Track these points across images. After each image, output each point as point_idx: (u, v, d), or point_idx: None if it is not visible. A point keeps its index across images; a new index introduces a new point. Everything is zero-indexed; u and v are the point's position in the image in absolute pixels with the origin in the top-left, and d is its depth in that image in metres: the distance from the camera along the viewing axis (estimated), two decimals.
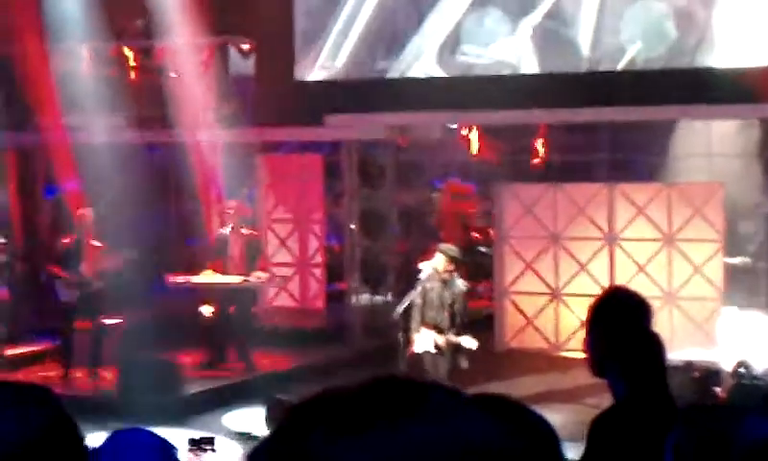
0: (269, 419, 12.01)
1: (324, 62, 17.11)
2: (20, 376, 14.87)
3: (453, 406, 1.18)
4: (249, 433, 12.29)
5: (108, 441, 2.86)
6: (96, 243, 14.72)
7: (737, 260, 16.94)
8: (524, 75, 16.09)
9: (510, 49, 16.12)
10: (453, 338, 12.12)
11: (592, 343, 4.34)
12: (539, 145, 20.29)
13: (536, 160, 20.38)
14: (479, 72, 16.44)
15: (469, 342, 12.16)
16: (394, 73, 16.84)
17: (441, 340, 12.12)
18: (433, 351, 12.12)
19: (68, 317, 14.76)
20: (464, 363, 12.25)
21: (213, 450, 9.69)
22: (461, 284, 12.43)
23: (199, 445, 9.43)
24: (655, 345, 4.25)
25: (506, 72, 16.24)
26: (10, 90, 17.48)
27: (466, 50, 16.37)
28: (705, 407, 2.68)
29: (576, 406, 13.09)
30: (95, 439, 2.95)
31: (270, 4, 17.65)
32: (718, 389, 12.38)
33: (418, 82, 16.61)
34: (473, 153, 20.68)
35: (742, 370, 12.69)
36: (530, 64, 16.09)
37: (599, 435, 4.21)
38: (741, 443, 2.08)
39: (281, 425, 1.20)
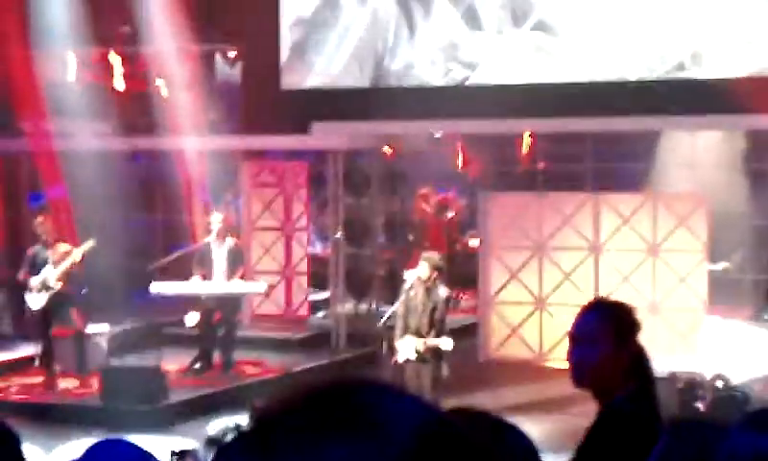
0: None
1: (311, 73, 17.07)
2: (1, 383, 14.84)
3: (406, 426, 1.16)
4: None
5: (88, 452, 2.83)
6: (62, 247, 14.63)
7: (719, 266, 16.99)
8: (510, 85, 16.09)
9: (498, 60, 16.12)
10: (432, 341, 12.11)
11: (581, 354, 4.31)
12: (524, 154, 20.33)
13: (521, 170, 20.42)
14: (467, 83, 16.42)
15: (446, 343, 12.14)
16: (382, 84, 16.81)
17: (420, 345, 12.11)
18: (413, 357, 12.11)
19: (44, 323, 14.68)
20: (444, 371, 12.24)
21: None
22: (443, 291, 12.45)
23: (181, 456, 9.38)
24: (645, 357, 4.27)
25: (493, 82, 16.24)
26: None
27: (455, 62, 16.35)
28: (688, 421, 2.69)
29: (561, 416, 13.09)
30: (78, 446, 2.94)
31: (256, 12, 17.64)
32: (699, 402, 12.42)
33: (404, 91, 16.60)
34: (459, 162, 20.71)
35: (719, 382, 12.75)
36: (517, 75, 16.09)
37: (592, 443, 4.20)
38: (723, 458, 2.09)
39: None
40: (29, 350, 15.51)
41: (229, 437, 1.21)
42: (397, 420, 1.13)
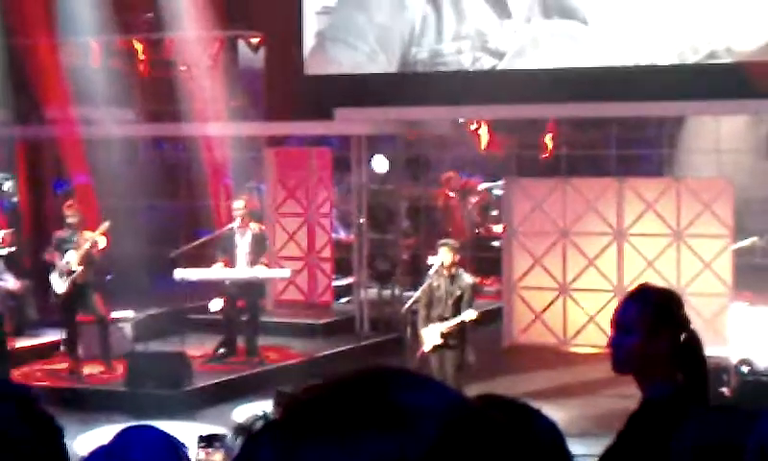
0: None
1: (336, 61, 17.04)
2: (26, 369, 14.91)
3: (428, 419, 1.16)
4: None
5: (117, 438, 2.84)
6: (88, 234, 14.63)
7: (745, 242, 16.71)
8: (534, 70, 16.06)
9: (527, 49, 16.05)
10: (455, 319, 12.06)
11: (619, 341, 4.25)
12: (548, 140, 20.28)
13: (545, 155, 20.37)
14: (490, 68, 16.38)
15: (470, 314, 12.11)
16: (407, 72, 16.76)
17: (444, 328, 12.07)
18: (439, 341, 12.09)
19: (68, 309, 14.74)
20: (471, 358, 12.24)
21: (223, 447, 9.66)
22: (468, 277, 12.44)
23: (208, 441, 9.40)
24: (695, 346, 4.21)
25: (517, 67, 16.19)
26: (20, 83, 17.52)
27: (483, 50, 16.29)
28: (711, 409, 2.65)
29: (585, 402, 13.09)
30: (104, 432, 2.95)
31: None
32: (725, 388, 12.37)
33: (426, 76, 16.59)
34: (482, 148, 20.68)
35: (745, 367, 12.69)
36: (541, 60, 16.04)
37: (629, 431, 4.17)
38: (755, 447, 2.07)
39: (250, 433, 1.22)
40: (54, 336, 15.58)
41: (258, 426, 1.22)
42: (423, 411, 1.14)
